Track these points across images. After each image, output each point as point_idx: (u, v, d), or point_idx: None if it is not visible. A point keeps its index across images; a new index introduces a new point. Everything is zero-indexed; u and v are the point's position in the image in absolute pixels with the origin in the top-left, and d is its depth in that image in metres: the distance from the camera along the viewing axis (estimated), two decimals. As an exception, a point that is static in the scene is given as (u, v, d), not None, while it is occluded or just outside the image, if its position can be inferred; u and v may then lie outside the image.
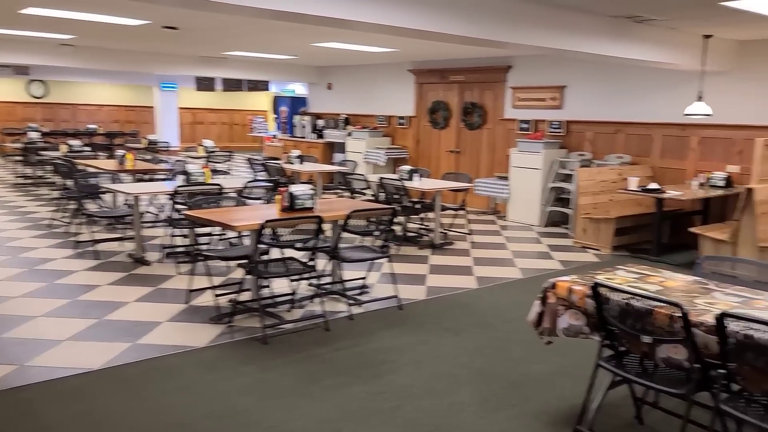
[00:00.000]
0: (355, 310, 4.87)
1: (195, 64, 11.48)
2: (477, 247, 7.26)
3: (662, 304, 2.61)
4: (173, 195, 5.69)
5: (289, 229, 4.40)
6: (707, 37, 6.47)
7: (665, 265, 6.46)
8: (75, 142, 9.61)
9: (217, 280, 5.41)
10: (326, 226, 4.54)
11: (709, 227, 6.55)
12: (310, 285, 5.30)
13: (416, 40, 7.94)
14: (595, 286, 2.77)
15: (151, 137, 12.33)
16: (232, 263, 5.66)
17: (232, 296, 4.81)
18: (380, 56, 10.14)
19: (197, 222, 4.44)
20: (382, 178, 7.11)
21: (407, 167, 7.46)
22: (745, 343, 2.38)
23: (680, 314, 2.51)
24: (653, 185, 6.71)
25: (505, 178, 9.11)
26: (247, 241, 4.97)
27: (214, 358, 3.92)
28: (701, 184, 7.04)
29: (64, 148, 9.64)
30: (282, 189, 4.70)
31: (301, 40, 8.51)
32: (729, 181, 6.84)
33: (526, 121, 9.32)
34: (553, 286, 3.08)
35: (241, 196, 6.41)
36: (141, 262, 6.00)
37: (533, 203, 8.70)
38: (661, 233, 6.95)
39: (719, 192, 6.72)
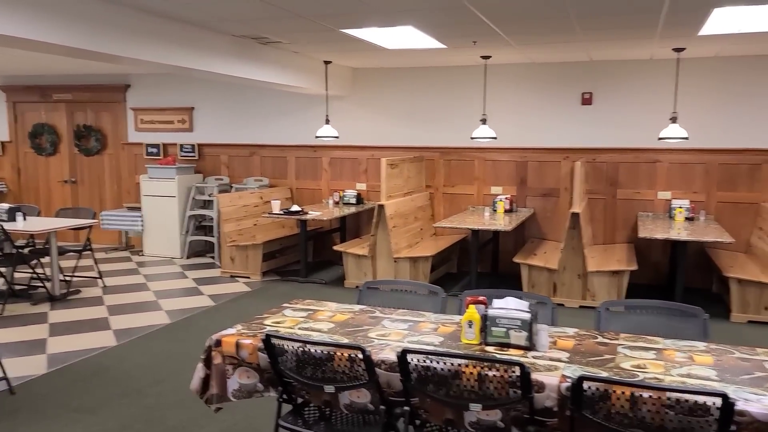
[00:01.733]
0: (-62, 412, 3.49)
1: None
2: (111, 292, 6.20)
3: (343, 348, 2.33)
4: None
5: None
6: (327, 63, 6.78)
7: (315, 285, 6.52)
8: None
9: None
10: None
11: (349, 244, 6.86)
12: None
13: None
14: (268, 338, 2.35)
15: None
16: None
17: None
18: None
19: None
20: (-30, 221, 5.49)
21: (5, 205, 5.95)
22: (425, 375, 2.26)
23: (362, 357, 2.27)
24: (295, 207, 6.72)
25: (137, 209, 8.14)
26: None
27: None
28: (336, 203, 7.36)
29: None
30: None
31: None
32: (360, 198, 7.31)
33: (154, 145, 8.51)
34: (218, 343, 2.56)
35: None
36: None
37: (172, 234, 7.96)
38: (307, 253, 7.03)
39: (353, 209, 7.10)
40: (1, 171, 9.22)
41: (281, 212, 6.68)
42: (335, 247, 6.72)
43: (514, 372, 2.14)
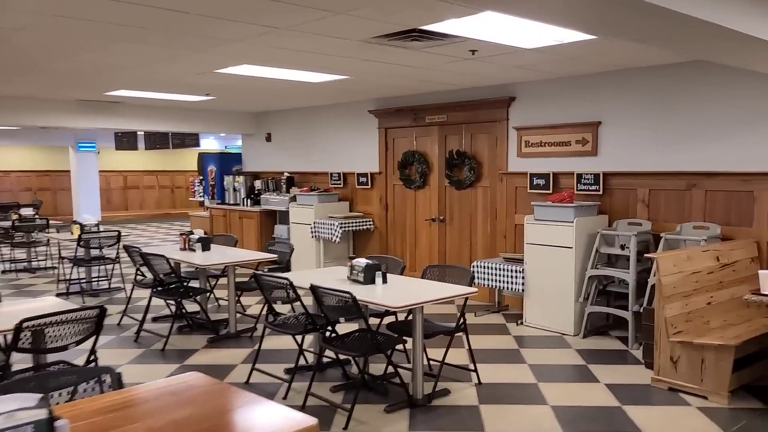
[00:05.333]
0: None
1: (79, 111, 8.38)
2: (489, 399, 4.11)
3: None
4: None
5: None
6: None
7: None
8: None
9: None
10: None
11: None
12: None
13: (375, 63, 4.97)
14: None
15: (24, 212, 9.08)
16: None
17: None
18: (328, 91, 7.17)
19: None
20: (315, 287, 3.96)
21: (363, 261, 4.35)
22: None
23: None
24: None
25: (518, 261, 6.05)
26: None
27: None
28: None
29: None
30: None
31: (193, 65, 5.47)
32: None
33: (542, 175, 6.34)
34: None
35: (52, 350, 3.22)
36: None
37: (563, 299, 5.63)
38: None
39: None
40: (369, 205, 8.21)
41: (787, 297, 3.69)
42: None
43: None
